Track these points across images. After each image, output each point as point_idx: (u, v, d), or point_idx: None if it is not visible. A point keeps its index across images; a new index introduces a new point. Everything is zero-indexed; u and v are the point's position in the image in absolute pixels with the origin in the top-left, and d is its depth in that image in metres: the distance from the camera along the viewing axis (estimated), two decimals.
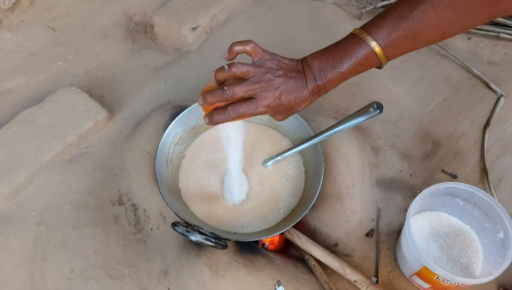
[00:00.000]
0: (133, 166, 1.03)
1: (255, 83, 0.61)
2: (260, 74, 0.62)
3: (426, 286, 0.85)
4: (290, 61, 0.65)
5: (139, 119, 1.13)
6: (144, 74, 1.25)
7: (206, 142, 0.98)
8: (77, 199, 0.99)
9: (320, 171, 0.84)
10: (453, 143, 1.07)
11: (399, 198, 0.99)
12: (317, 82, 0.63)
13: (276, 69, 0.62)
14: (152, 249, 0.93)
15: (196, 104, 0.94)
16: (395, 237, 0.95)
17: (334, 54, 0.63)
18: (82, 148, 1.08)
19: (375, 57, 0.62)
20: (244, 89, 0.61)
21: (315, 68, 0.63)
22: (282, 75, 0.62)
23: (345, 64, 0.62)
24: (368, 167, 1.01)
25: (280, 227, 0.82)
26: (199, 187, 0.92)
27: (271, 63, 0.63)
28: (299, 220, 0.79)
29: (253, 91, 0.61)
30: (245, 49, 0.65)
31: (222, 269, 0.78)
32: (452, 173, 1.03)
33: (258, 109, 0.62)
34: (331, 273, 0.88)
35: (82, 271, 0.90)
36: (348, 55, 0.62)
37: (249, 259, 0.82)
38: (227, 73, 0.63)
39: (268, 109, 0.63)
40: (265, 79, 0.61)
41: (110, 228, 0.96)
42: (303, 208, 0.82)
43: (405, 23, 0.59)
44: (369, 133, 1.09)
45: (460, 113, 1.13)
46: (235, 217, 0.87)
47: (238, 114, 0.61)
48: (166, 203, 0.79)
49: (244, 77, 0.63)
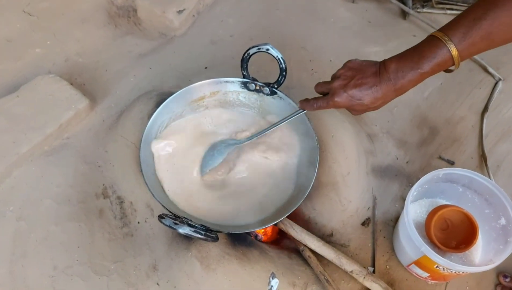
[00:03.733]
0: (117, 157, 0.98)
1: (329, 84, 0.74)
2: (337, 75, 0.73)
3: (425, 275, 0.82)
4: (368, 64, 0.72)
5: (123, 108, 1.08)
6: (127, 60, 1.20)
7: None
8: (58, 193, 0.94)
9: (315, 158, 0.80)
10: (450, 129, 1.05)
11: (396, 185, 0.97)
12: (393, 82, 0.68)
13: (351, 73, 0.72)
14: (139, 243, 0.89)
15: (182, 90, 0.90)
16: (391, 225, 0.93)
17: (412, 56, 0.67)
18: (63, 139, 1.03)
19: (451, 59, 0.65)
20: (321, 104, 0.76)
21: (392, 69, 0.68)
22: (354, 77, 0.70)
23: (423, 65, 0.66)
24: (363, 154, 0.98)
25: (274, 218, 0.78)
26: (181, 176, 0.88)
27: (347, 68, 0.73)
28: (293, 210, 0.76)
29: (328, 89, 0.75)
30: None
31: (214, 263, 0.74)
32: (449, 160, 1.01)
33: (329, 104, 0.73)
34: (327, 263, 0.86)
35: (65, 268, 0.86)
36: (427, 56, 0.65)
37: (241, 252, 0.78)
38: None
39: (339, 106, 0.73)
40: (339, 80, 0.72)
41: (95, 223, 0.91)
42: (298, 198, 0.78)
43: (481, 23, 0.62)
44: (364, 120, 1.06)
45: (457, 98, 1.10)
46: (225, 207, 0.83)
47: (315, 107, 0.76)
48: (152, 195, 0.74)
49: None
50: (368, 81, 0.69)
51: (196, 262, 0.75)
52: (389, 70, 0.68)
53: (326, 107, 0.75)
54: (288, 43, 1.21)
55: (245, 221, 0.81)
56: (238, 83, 0.93)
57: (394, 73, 0.68)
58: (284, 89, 0.92)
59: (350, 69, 0.73)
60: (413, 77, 0.67)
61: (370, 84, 0.69)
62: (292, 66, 1.14)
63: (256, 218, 0.81)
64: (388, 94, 0.70)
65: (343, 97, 0.71)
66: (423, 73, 0.67)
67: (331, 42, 1.20)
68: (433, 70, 0.67)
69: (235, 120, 0.94)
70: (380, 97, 0.70)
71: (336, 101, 0.72)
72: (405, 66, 0.67)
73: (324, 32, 1.21)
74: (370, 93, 0.70)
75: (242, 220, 0.81)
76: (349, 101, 0.71)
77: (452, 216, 0.83)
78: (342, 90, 0.71)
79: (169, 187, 0.86)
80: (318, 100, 0.76)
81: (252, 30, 1.22)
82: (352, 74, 0.71)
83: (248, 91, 0.95)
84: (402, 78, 0.68)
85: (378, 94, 0.69)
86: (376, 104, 0.71)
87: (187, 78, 1.14)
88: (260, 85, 0.92)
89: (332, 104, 0.73)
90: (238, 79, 0.93)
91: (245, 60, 0.87)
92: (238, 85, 0.94)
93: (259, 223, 0.79)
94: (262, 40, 0.88)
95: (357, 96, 0.70)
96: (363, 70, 0.71)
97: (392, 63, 0.69)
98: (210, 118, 0.94)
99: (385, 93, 0.69)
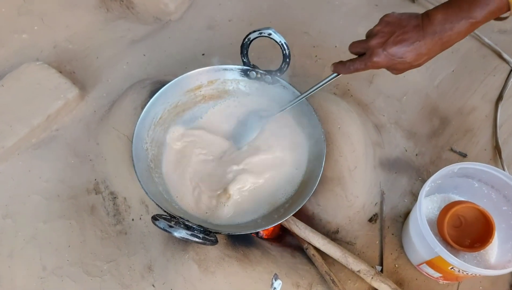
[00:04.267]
0: (110, 150, 0.94)
1: (365, 43, 0.67)
2: (374, 32, 0.66)
3: (437, 275, 0.78)
4: (408, 17, 0.65)
5: (115, 97, 1.03)
6: (120, 47, 1.14)
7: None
8: (47, 188, 0.91)
9: (322, 152, 0.74)
10: (462, 119, 1.01)
11: (405, 179, 0.93)
12: (439, 35, 0.62)
13: (389, 28, 0.65)
14: (134, 241, 0.85)
15: (178, 78, 0.84)
16: (400, 222, 0.89)
17: (461, 3, 0.61)
18: (51, 131, 0.98)
19: (507, 4, 0.59)
20: (358, 65, 0.68)
21: (438, 20, 0.62)
22: (393, 33, 0.64)
23: (475, 13, 0.59)
24: (371, 146, 0.93)
25: (278, 216, 0.73)
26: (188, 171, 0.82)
27: (384, 24, 0.66)
28: (299, 208, 0.70)
29: (365, 49, 0.67)
30: None
31: (213, 265, 0.69)
32: (461, 152, 0.96)
33: (367, 65, 0.67)
34: (332, 262, 0.82)
35: (55, 269, 0.82)
36: (479, 2, 0.59)
37: (242, 253, 0.74)
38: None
39: (378, 66, 0.66)
40: (376, 38, 0.65)
41: (86, 220, 0.87)
42: (303, 194, 0.73)
43: None
44: (371, 110, 1.00)
45: (470, 86, 1.05)
46: (226, 205, 0.77)
47: (352, 69, 0.69)
48: (145, 192, 0.69)
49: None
50: (410, 36, 0.63)
51: (194, 264, 0.70)
52: (435, 21, 0.62)
53: (363, 68, 0.68)
54: (290, 28, 1.15)
55: (246, 220, 0.75)
56: (237, 71, 0.87)
57: (440, 24, 0.61)
58: (286, 77, 0.87)
59: (388, 24, 0.66)
60: (463, 28, 0.61)
61: (413, 39, 0.63)
62: (294, 53, 1.09)
63: (259, 216, 0.76)
64: (434, 48, 0.64)
65: (383, 56, 0.65)
66: (474, 22, 0.60)
67: (336, 27, 1.14)
68: (486, 18, 0.60)
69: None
70: (424, 53, 0.64)
71: (374, 61, 0.65)
72: (454, 16, 0.61)
73: (328, 16, 1.16)
74: (413, 49, 0.63)
75: (244, 218, 0.76)
76: (390, 60, 0.65)
77: (466, 212, 0.78)
78: (380, 48, 0.64)
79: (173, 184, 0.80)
80: (354, 61, 0.69)
81: (252, 14, 1.16)
82: (390, 30, 0.65)
83: (248, 79, 0.89)
84: (450, 30, 0.61)
85: (422, 50, 0.63)
86: (420, 60, 0.65)
87: (183, 66, 1.09)
88: (261, 73, 0.87)
89: (371, 65, 0.66)
90: (237, 67, 0.87)
91: (245, 46, 0.81)
92: (238, 73, 0.88)
93: (262, 222, 0.74)
94: (262, 25, 0.82)
95: (398, 53, 0.64)
96: (403, 24, 0.64)
97: (437, 13, 0.62)
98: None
99: (430, 48, 0.63)
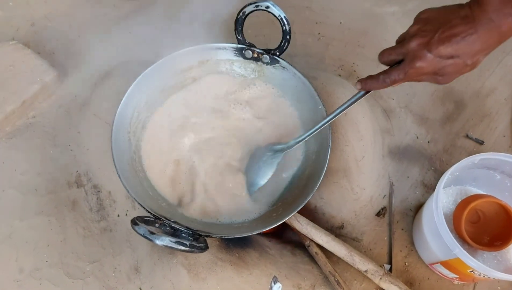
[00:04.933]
0: (92, 139, 0.87)
1: (402, 47, 0.55)
2: (411, 33, 0.55)
3: (452, 275, 0.72)
4: (451, 9, 0.55)
5: (98, 80, 0.96)
6: (104, 24, 1.07)
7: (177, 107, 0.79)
8: (23, 182, 0.84)
9: (327, 142, 0.66)
10: (479, 103, 0.94)
11: (416, 169, 0.87)
12: (497, 23, 0.51)
13: (431, 26, 0.54)
14: (119, 240, 0.79)
15: (164, 59, 0.76)
16: (411, 216, 0.83)
17: None
18: (27, 118, 0.91)
19: None
20: (397, 76, 0.57)
21: (494, 6, 0.50)
22: (437, 31, 0.53)
23: None
24: (379, 134, 0.86)
25: (278, 215, 0.65)
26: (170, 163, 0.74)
27: (423, 22, 0.55)
28: (302, 206, 0.63)
29: (403, 55, 0.56)
30: None
31: (203, 271, 0.63)
32: (477, 139, 0.90)
33: (408, 73, 0.55)
34: (337, 261, 0.77)
35: (33, 271, 0.76)
36: None
37: (237, 255, 0.67)
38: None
39: (422, 73, 0.55)
40: (416, 39, 0.54)
41: (67, 216, 0.81)
42: (306, 189, 0.65)
43: None
44: (379, 93, 0.94)
45: (487, 67, 0.97)
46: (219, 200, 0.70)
47: (389, 83, 0.58)
48: (126, 189, 0.61)
49: None
50: (459, 30, 0.52)
51: (183, 270, 0.63)
52: (489, 7, 0.51)
53: (403, 79, 0.57)
54: (290, 2, 1.07)
55: (242, 219, 0.68)
56: (231, 49, 0.79)
57: (497, 10, 0.51)
58: (286, 57, 0.79)
59: (428, 22, 0.55)
60: None
61: (464, 33, 0.52)
62: (295, 30, 1.00)
63: (256, 214, 0.69)
64: (490, 42, 0.52)
65: (428, 59, 0.53)
66: None
67: (341, 1, 1.06)
68: None
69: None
70: (479, 49, 0.52)
71: (418, 67, 0.54)
72: None
73: None
74: (466, 45, 0.52)
75: (239, 217, 0.68)
76: (437, 63, 0.53)
77: (485, 207, 0.71)
78: (424, 50, 0.53)
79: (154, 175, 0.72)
80: (390, 72, 0.57)
81: None
82: (433, 28, 0.54)
83: (243, 59, 0.81)
84: (510, 16, 0.50)
85: (476, 45, 0.52)
86: (474, 59, 0.53)
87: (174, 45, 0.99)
88: (258, 52, 0.78)
89: (414, 72, 0.55)
90: (231, 45, 0.78)
91: (239, 21, 0.73)
92: (232, 52, 0.79)
93: (260, 222, 0.66)
94: None
95: (448, 53, 0.52)
96: (447, 18, 0.54)
97: None
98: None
99: (486, 40, 0.52)
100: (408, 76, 0.56)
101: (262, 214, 0.69)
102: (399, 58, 0.57)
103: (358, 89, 0.61)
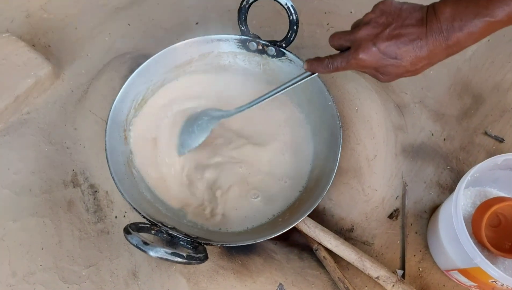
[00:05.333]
0: (89, 136, 0.84)
1: (351, 34, 0.55)
2: (365, 21, 0.55)
3: (470, 283, 0.68)
4: (410, 8, 0.54)
5: (95, 74, 0.93)
6: (101, 15, 1.04)
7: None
8: (17, 181, 0.82)
9: (337, 141, 0.62)
10: (499, 97, 0.90)
11: (430, 168, 0.83)
12: (445, 35, 0.50)
13: (385, 18, 0.53)
14: (117, 242, 0.76)
15: (162, 52, 0.72)
16: (425, 218, 0.80)
17: None
18: (21, 114, 0.88)
19: None
20: (339, 63, 0.57)
21: (446, 16, 0.50)
22: (389, 25, 0.53)
23: (495, 10, 0.47)
24: (392, 131, 0.83)
25: (284, 221, 0.62)
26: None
27: (380, 12, 0.54)
28: (310, 211, 0.59)
29: (350, 42, 0.55)
30: None
31: (204, 280, 0.59)
32: (497, 136, 0.86)
33: (350, 63, 0.55)
34: (346, 266, 0.74)
35: (27, 275, 0.74)
36: None
37: (240, 263, 0.63)
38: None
39: (363, 66, 0.55)
40: (367, 29, 0.54)
41: (63, 217, 0.79)
42: (314, 192, 0.61)
43: None
44: (392, 87, 0.91)
45: (508, 58, 0.94)
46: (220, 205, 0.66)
47: (331, 68, 0.59)
48: (121, 193, 0.57)
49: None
50: (410, 32, 0.51)
51: (182, 279, 0.60)
52: (441, 17, 0.50)
53: (344, 67, 0.56)
54: None
55: (246, 226, 0.64)
56: (234, 41, 0.75)
57: (448, 21, 0.50)
58: (293, 49, 0.75)
59: (384, 14, 0.54)
60: (476, 29, 0.49)
61: (412, 36, 0.51)
62: (302, 20, 0.97)
63: (260, 220, 0.65)
64: (436, 52, 0.51)
65: (372, 53, 0.52)
66: (493, 22, 0.48)
67: None
68: (509, 19, 0.47)
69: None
70: (424, 56, 0.52)
71: (360, 58, 0.53)
72: (466, 12, 0.48)
73: None
74: (411, 49, 0.51)
75: (242, 223, 0.65)
76: (380, 59, 0.53)
77: (506, 210, 0.68)
78: (370, 42, 0.52)
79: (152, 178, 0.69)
80: (335, 58, 0.57)
81: None
82: (386, 21, 0.53)
83: (247, 52, 0.77)
84: (459, 30, 0.49)
85: (422, 52, 0.51)
86: (417, 66, 0.53)
87: (174, 37, 0.98)
88: (263, 44, 0.74)
89: (355, 63, 0.54)
90: (234, 36, 0.75)
91: (243, 11, 0.69)
92: (235, 44, 0.75)
93: (265, 228, 0.62)
94: None
95: (392, 52, 0.52)
96: (404, 15, 0.52)
97: (446, 7, 0.50)
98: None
99: (432, 50, 0.51)
100: (350, 66, 0.56)
101: (268, 221, 0.66)
102: (347, 45, 0.56)
103: (305, 69, 0.62)
